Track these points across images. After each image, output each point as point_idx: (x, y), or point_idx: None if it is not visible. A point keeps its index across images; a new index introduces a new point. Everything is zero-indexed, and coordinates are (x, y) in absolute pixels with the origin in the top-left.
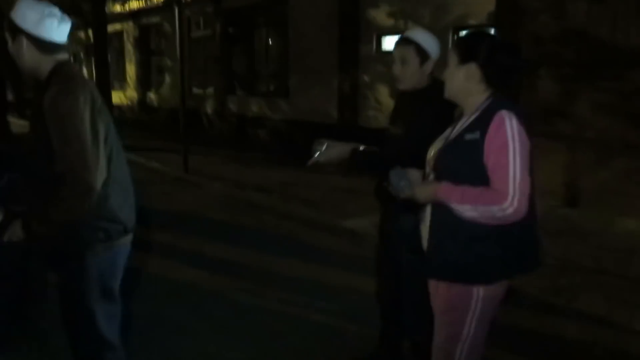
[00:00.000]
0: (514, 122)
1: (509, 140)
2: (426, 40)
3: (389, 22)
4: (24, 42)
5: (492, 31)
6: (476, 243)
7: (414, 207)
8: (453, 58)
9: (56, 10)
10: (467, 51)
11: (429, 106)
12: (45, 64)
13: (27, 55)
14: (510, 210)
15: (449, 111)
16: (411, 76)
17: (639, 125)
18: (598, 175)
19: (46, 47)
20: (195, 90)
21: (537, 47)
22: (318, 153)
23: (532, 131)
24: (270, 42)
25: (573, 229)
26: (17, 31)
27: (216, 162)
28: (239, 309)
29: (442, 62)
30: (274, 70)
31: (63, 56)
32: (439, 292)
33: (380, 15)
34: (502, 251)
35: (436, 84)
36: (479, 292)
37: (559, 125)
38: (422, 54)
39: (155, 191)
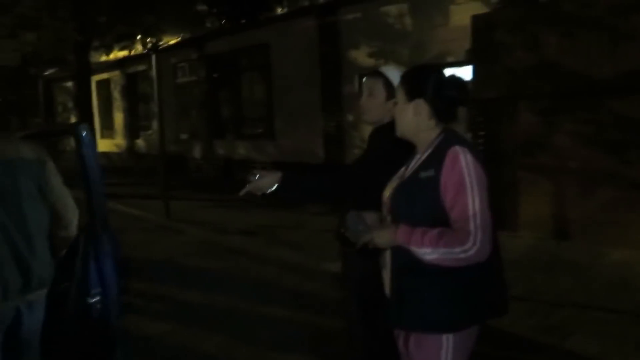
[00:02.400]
0: (469, 156)
1: (465, 176)
2: (397, 77)
3: (369, 61)
4: None
5: (470, 68)
6: (440, 288)
7: (374, 253)
8: (401, 95)
9: None
10: (414, 87)
11: (386, 141)
12: None
13: None
14: (473, 251)
15: (406, 148)
16: (376, 108)
17: (619, 154)
18: (584, 206)
19: None
20: (182, 135)
21: (514, 81)
22: (250, 183)
23: (512, 164)
24: (254, 85)
25: (562, 263)
26: None
27: (201, 206)
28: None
29: None
30: (259, 113)
31: None
32: (406, 343)
33: (360, 55)
34: (468, 295)
35: None
36: (448, 340)
37: (540, 157)
38: (390, 89)
39: (135, 238)
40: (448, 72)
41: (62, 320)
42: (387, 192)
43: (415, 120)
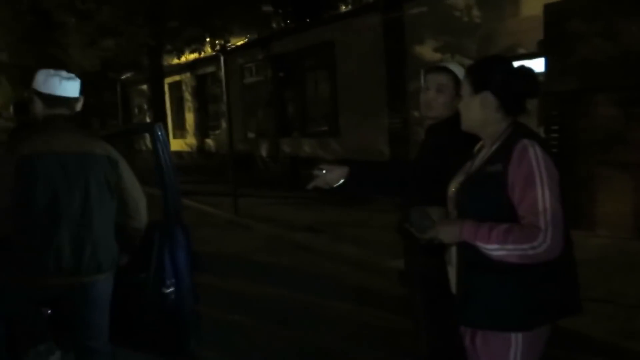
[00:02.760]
0: (538, 150)
1: (534, 170)
2: (462, 73)
3: (435, 56)
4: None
5: (542, 60)
6: (509, 285)
7: (439, 248)
8: (466, 88)
9: (63, 72)
10: (481, 79)
11: (447, 137)
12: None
13: (37, 109)
14: (543, 247)
15: (470, 143)
16: (443, 105)
17: None
18: None
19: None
20: (250, 134)
21: (590, 73)
22: (317, 177)
23: (588, 159)
24: (319, 83)
25: None
26: (34, 93)
27: (268, 203)
28: (281, 354)
29: None
30: (324, 110)
31: (60, 110)
32: (473, 340)
33: (425, 50)
34: (539, 293)
35: (455, 118)
36: (517, 339)
37: (619, 151)
38: (458, 86)
39: (206, 234)
40: (518, 64)
41: (139, 308)
42: (453, 187)
43: (481, 113)
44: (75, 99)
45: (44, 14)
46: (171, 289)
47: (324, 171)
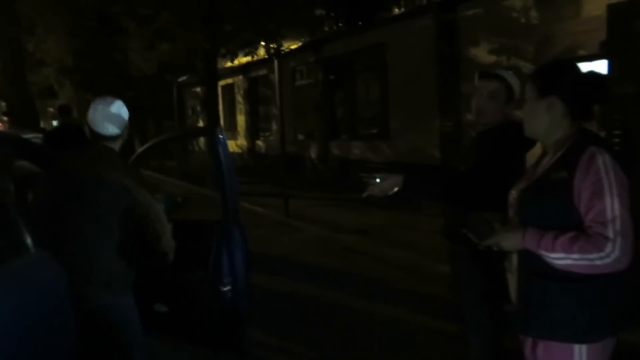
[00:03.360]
0: (607, 157)
1: (602, 178)
2: (514, 81)
3: (490, 58)
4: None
5: (604, 62)
6: (573, 295)
7: (497, 255)
8: (531, 92)
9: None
10: (548, 83)
11: (500, 143)
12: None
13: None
14: (611, 258)
15: (522, 150)
16: (495, 112)
17: None
18: None
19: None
20: (300, 136)
21: None
22: (372, 185)
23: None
24: (370, 86)
25: None
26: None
27: (317, 205)
28: (330, 357)
29: None
30: (374, 113)
31: (102, 142)
32: (534, 349)
33: (480, 52)
34: (604, 303)
35: (509, 123)
36: (581, 351)
37: None
38: (510, 94)
39: (256, 234)
40: (587, 69)
41: (196, 305)
42: (514, 194)
43: (547, 119)
44: (113, 137)
45: (107, 20)
46: (228, 287)
47: (378, 180)
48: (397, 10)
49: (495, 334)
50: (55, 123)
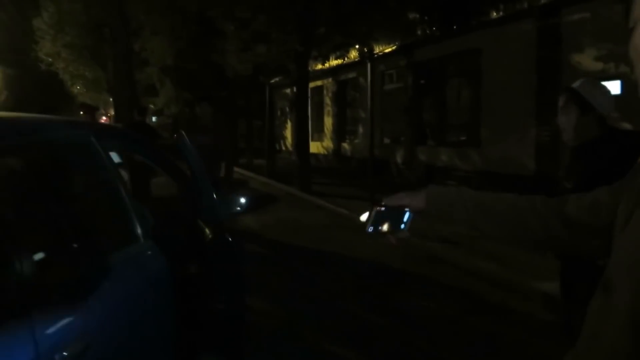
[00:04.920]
0: None
1: None
2: (589, 91)
3: (596, 65)
4: None
5: None
6: None
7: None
8: None
9: None
10: None
11: (594, 161)
12: None
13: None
14: None
15: (623, 165)
16: (571, 127)
17: None
18: None
19: None
20: (386, 140)
21: None
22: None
23: None
24: (461, 91)
25: None
26: None
27: None
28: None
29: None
30: (464, 119)
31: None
32: None
33: (585, 59)
34: None
35: (609, 137)
36: None
37: None
38: (583, 105)
39: (342, 237)
40: None
41: (195, 308)
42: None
43: None
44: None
45: (207, 23)
46: (224, 295)
47: (364, 218)
48: (494, 14)
49: None
50: (154, 119)
